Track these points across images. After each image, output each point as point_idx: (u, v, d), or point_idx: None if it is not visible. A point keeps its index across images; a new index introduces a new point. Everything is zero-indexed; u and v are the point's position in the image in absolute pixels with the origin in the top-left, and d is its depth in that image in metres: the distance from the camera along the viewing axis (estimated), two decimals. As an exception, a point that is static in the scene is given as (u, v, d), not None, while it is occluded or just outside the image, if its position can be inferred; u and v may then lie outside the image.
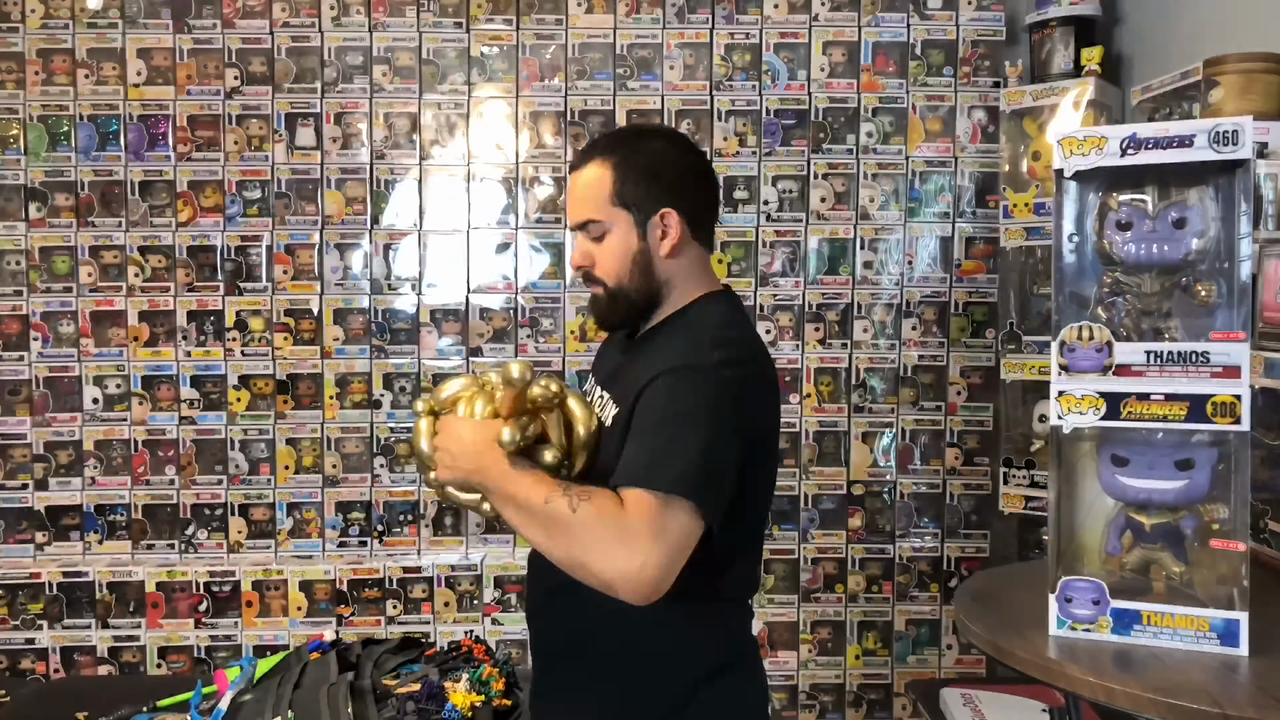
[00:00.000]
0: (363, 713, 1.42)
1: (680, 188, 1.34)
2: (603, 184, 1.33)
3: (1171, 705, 1.14)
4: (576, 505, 1.16)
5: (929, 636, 2.70)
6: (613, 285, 1.35)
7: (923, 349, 2.70)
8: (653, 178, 1.32)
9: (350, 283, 2.69)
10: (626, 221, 1.33)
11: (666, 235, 1.33)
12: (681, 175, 1.35)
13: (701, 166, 1.39)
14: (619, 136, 1.40)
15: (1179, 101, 2.03)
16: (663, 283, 1.36)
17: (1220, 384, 1.27)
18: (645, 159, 1.33)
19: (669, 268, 1.35)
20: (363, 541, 2.68)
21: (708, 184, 1.40)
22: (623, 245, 1.34)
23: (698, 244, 1.38)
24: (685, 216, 1.34)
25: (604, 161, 1.34)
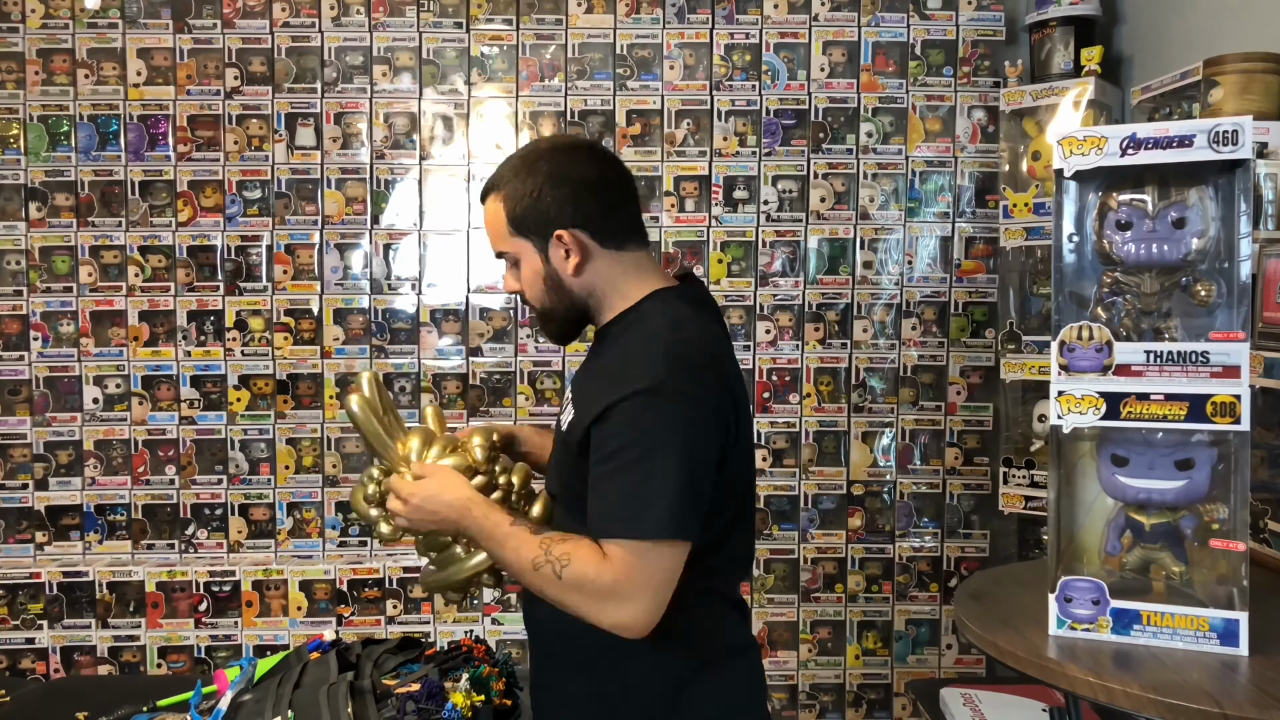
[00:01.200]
0: (363, 713, 1.42)
1: (571, 205, 1.33)
2: (499, 218, 1.36)
3: (1171, 705, 1.14)
4: (560, 571, 1.21)
5: (929, 636, 2.71)
6: (539, 308, 1.39)
7: (922, 349, 2.70)
8: (537, 202, 1.33)
9: (350, 283, 2.69)
10: (529, 248, 1.35)
11: (570, 254, 1.33)
12: (571, 193, 1.33)
13: (594, 175, 1.36)
14: (509, 166, 1.38)
15: (1179, 101, 2.02)
16: (585, 296, 1.36)
17: (1220, 384, 1.27)
18: (530, 186, 1.33)
19: (585, 283, 1.35)
20: (363, 541, 2.68)
21: (606, 190, 1.36)
22: (531, 271, 1.36)
23: (613, 251, 1.35)
24: (585, 230, 1.33)
25: (496, 195, 1.37)
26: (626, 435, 1.21)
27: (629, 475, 1.20)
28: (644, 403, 1.21)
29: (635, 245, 1.38)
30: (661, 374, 1.21)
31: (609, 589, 1.17)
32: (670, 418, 1.21)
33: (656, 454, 1.19)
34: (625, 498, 1.19)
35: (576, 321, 1.39)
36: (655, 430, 1.20)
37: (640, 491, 1.19)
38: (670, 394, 1.21)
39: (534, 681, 1.46)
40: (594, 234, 1.34)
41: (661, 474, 1.19)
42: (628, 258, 1.37)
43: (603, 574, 1.18)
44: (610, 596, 1.18)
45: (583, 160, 1.37)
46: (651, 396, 1.21)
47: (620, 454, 1.21)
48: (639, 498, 1.18)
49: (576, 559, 1.20)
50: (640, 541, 1.17)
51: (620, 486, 1.20)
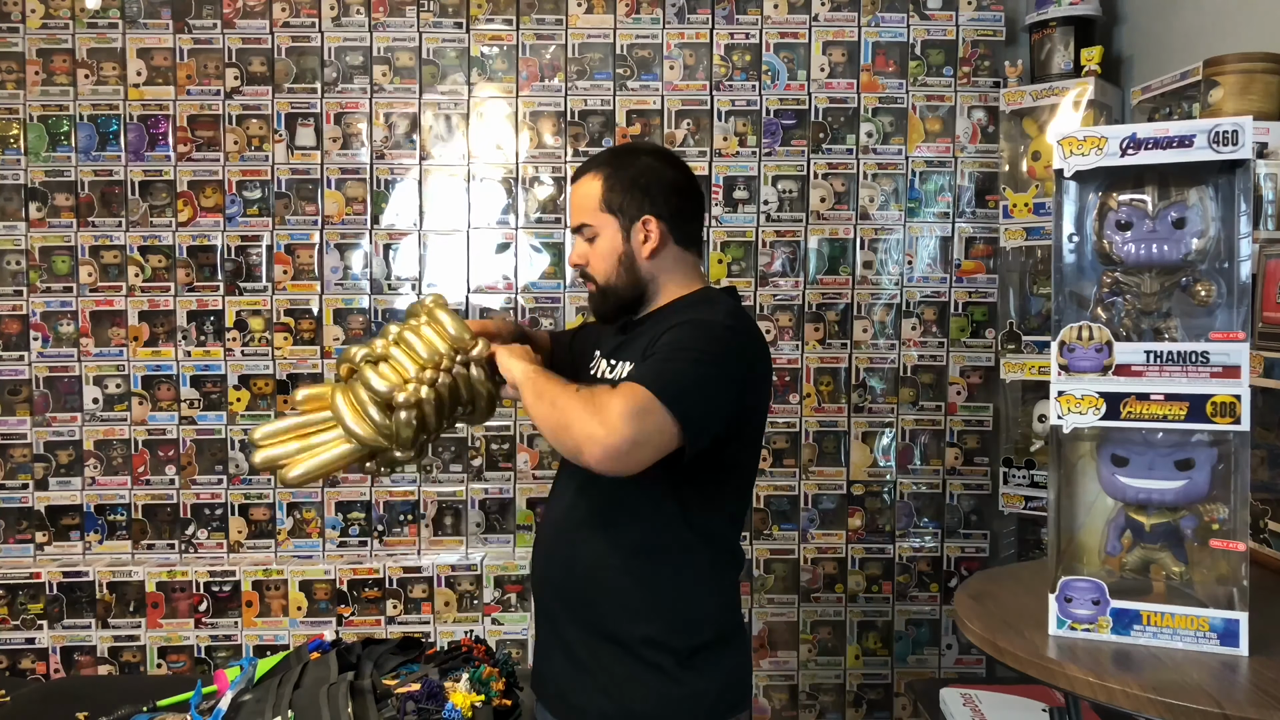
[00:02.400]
0: (363, 713, 1.42)
1: (661, 199, 1.52)
2: (594, 193, 1.53)
3: (1171, 705, 1.14)
4: (580, 389, 1.35)
5: (929, 636, 2.71)
6: (602, 282, 1.55)
7: (922, 349, 2.70)
8: (636, 189, 1.51)
9: (350, 283, 2.69)
10: (613, 226, 1.52)
11: (648, 239, 1.51)
12: (663, 188, 1.52)
13: (683, 181, 1.56)
14: (613, 151, 1.59)
15: (1179, 101, 2.03)
16: (648, 281, 1.54)
17: (1220, 384, 1.27)
18: (632, 172, 1.52)
19: (652, 268, 1.53)
20: (363, 541, 2.68)
21: (689, 196, 1.56)
22: (610, 246, 1.53)
23: (680, 248, 1.55)
24: (666, 223, 1.52)
25: (596, 174, 1.54)
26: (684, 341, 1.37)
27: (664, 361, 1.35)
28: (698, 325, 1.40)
29: (695, 251, 1.60)
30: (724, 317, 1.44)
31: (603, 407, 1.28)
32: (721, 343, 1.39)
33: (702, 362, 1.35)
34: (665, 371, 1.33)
35: (632, 301, 1.55)
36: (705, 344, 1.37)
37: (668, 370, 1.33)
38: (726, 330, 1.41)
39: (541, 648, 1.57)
40: (672, 228, 1.53)
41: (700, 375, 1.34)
42: (689, 258, 1.57)
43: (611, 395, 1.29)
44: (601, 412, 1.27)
45: (678, 166, 1.58)
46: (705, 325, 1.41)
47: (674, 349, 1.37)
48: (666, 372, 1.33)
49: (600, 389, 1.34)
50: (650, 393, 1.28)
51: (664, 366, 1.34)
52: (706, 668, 1.45)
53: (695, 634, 1.44)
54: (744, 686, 1.54)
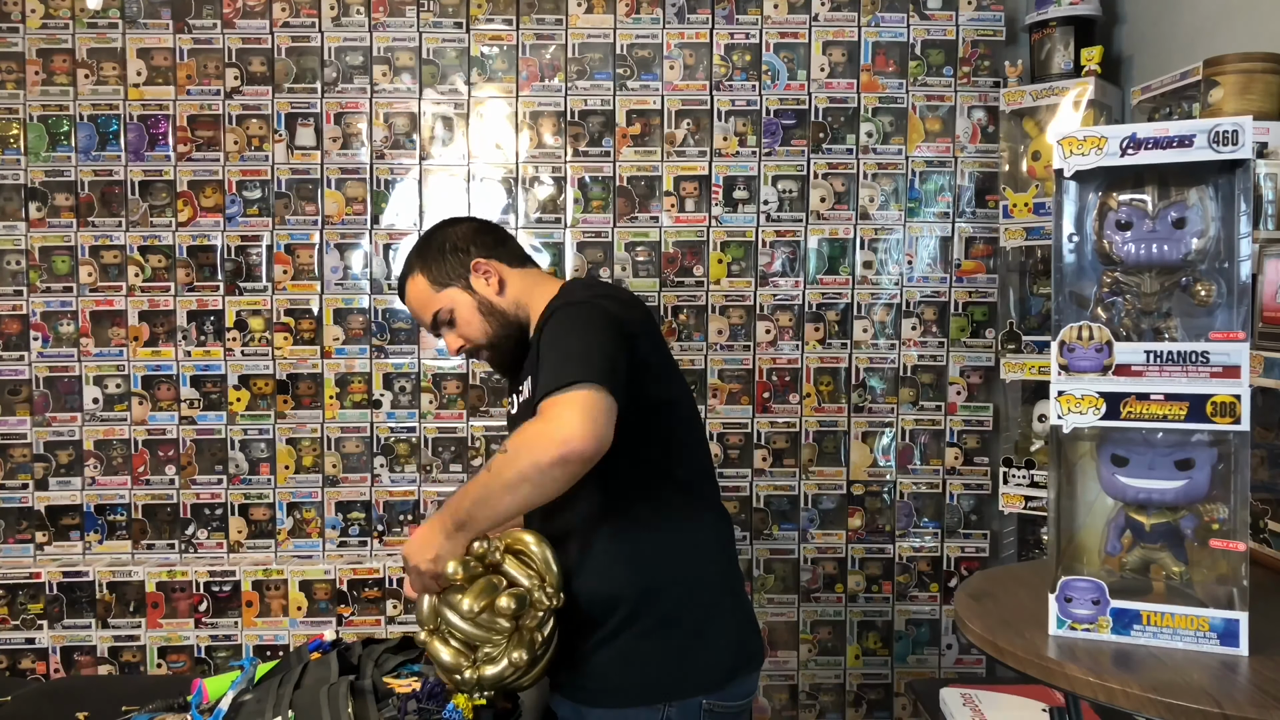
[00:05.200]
0: (363, 713, 1.42)
1: (472, 244, 1.63)
2: (423, 287, 1.63)
3: (1171, 705, 1.14)
4: (505, 446, 1.37)
5: (929, 636, 2.71)
6: (486, 342, 1.63)
7: (922, 349, 2.70)
8: (447, 253, 1.62)
9: (350, 283, 2.69)
10: (456, 292, 1.62)
11: (489, 279, 1.61)
12: (464, 237, 1.64)
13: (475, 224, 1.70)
14: (410, 254, 1.67)
15: (1179, 101, 2.02)
16: (515, 311, 1.62)
17: (1220, 384, 1.27)
18: (434, 246, 1.64)
19: (510, 298, 1.62)
20: (363, 541, 2.68)
21: (487, 231, 1.68)
22: (468, 309, 1.61)
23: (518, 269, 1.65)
24: (493, 256, 1.63)
25: (414, 276, 1.64)
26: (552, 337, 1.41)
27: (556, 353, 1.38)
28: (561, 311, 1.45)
29: (532, 264, 1.69)
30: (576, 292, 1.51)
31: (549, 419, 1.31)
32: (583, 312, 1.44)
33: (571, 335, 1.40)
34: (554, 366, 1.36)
35: (519, 340, 1.61)
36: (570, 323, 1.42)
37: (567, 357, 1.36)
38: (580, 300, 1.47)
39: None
40: (499, 258, 1.63)
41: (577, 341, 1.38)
42: (532, 273, 1.67)
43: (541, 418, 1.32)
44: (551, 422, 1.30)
45: (457, 219, 1.70)
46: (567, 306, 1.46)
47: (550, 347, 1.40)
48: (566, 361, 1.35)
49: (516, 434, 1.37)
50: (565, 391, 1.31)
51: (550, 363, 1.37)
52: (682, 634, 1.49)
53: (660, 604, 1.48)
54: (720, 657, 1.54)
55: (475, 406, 2.69)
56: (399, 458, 2.69)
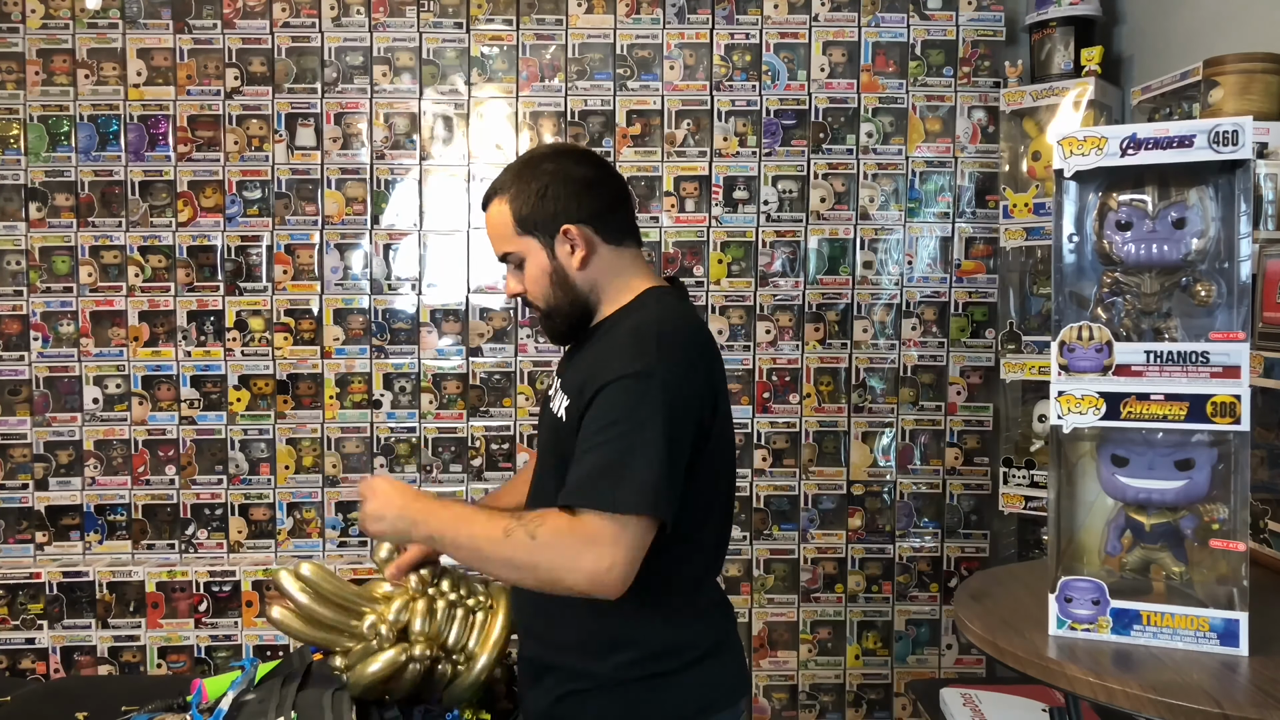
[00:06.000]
0: (365, 714, 1.42)
1: (574, 202, 1.40)
2: (505, 219, 1.42)
3: (1171, 705, 1.14)
4: (535, 532, 1.22)
5: (929, 636, 2.71)
6: (544, 306, 1.44)
7: (922, 349, 2.70)
8: (546, 200, 1.39)
9: (350, 283, 2.69)
10: (535, 246, 1.41)
11: (575, 249, 1.40)
12: (573, 190, 1.40)
13: (593, 174, 1.43)
14: (512, 169, 1.45)
15: (1179, 101, 2.03)
16: (588, 292, 1.42)
17: (1220, 384, 1.27)
18: (535, 185, 1.40)
19: (588, 277, 1.42)
20: (363, 541, 2.68)
21: (604, 188, 1.43)
22: (539, 268, 1.42)
23: (614, 247, 1.43)
24: (589, 226, 1.40)
25: (502, 197, 1.43)
26: (614, 414, 1.26)
27: (611, 449, 1.24)
28: (633, 385, 1.26)
29: (632, 243, 1.46)
30: (652, 359, 1.28)
31: (584, 540, 1.20)
32: (656, 401, 1.26)
33: (639, 433, 1.24)
34: (604, 469, 1.23)
35: (580, 317, 1.44)
36: (641, 411, 1.25)
37: (620, 466, 1.23)
38: (658, 379, 1.27)
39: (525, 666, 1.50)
40: (597, 229, 1.41)
41: (642, 450, 1.23)
42: (626, 254, 1.44)
43: (577, 530, 1.21)
44: (583, 548, 1.20)
45: (584, 162, 1.44)
46: (641, 380, 1.26)
47: (606, 430, 1.26)
48: (617, 471, 1.22)
49: (550, 519, 1.24)
50: (612, 514, 1.21)
51: (601, 459, 1.24)
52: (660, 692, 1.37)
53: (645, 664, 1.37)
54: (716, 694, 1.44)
55: (475, 407, 2.69)
56: (399, 458, 2.69)
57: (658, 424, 1.24)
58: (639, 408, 1.25)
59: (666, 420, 1.25)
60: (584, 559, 1.20)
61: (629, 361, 1.28)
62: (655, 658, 1.36)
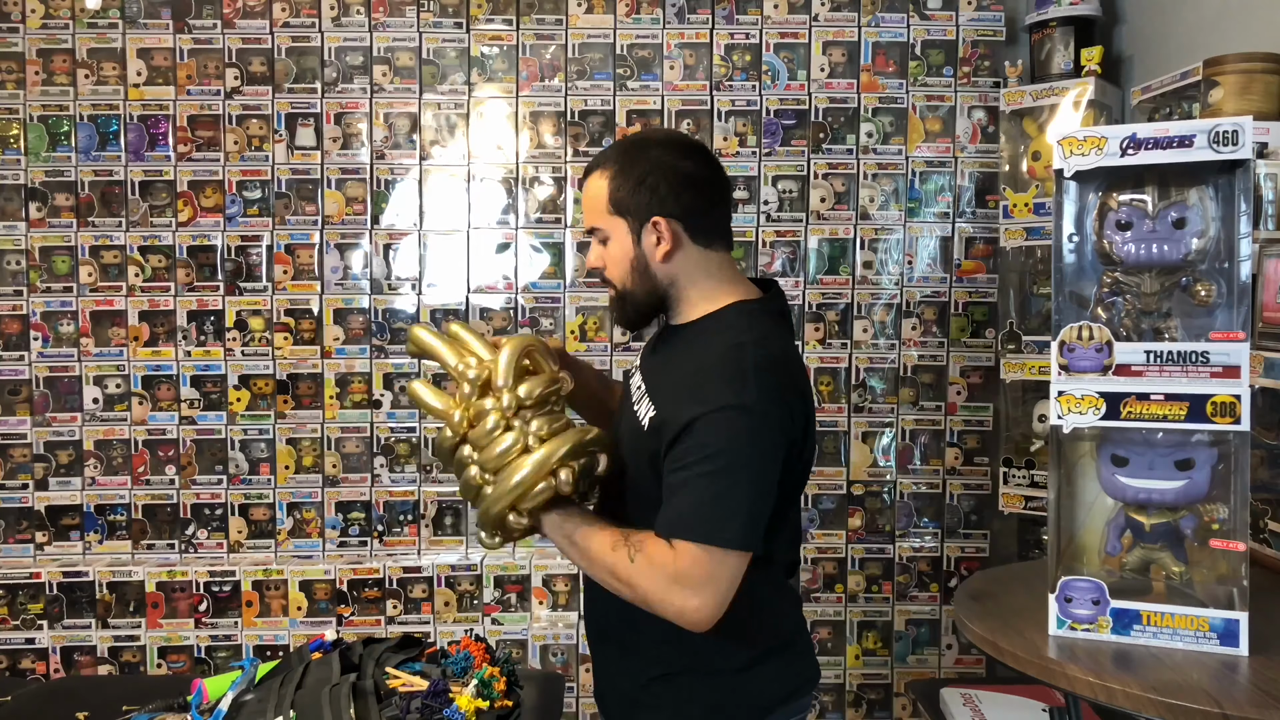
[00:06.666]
0: (365, 713, 1.42)
1: (671, 195, 1.37)
2: (601, 193, 1.40)
3: (1171, 705, 1.14)
4: (634, 556, 1.27)
5: (929, 636, 2.71)
6: (619, 288, 1.43)
7: (923, 349, 2.70)
8: (644, 187, 1.38)
9: (350, 283, 2.69)
10: (623, 229, 1.40)
11: (660, 242, 1.38)
12: (674, 183, 1.38)
13: (698, 171, 1.40)
14: (621, 146, 1.44)
15: (1179, 101, 2.03)
16: (666, 285, 1.41)
17: (1220, 384, 1.27)
18: (639, 169, 1.38)
19: (669, 271, 1.40)
20: (363, 541, 2.68)
21: (708, 188, 1.41)
22: (621, 251, 1.41)
23: (701, 247, 1.40)
24: (679, 222, 1.38)
25: (604, 172, 1.41)
26: (713, 446, 1.26)
27: (712, 483, 1.25)
28: (733, 418, 1.26)
29: (721, 246, 1.43)
30: (753, 393, 1.27)
31: (676, 577, 1.23)
32: (755, 436, 1.27)
33: (741, 469, 1.26)
34: (706, 504, 1.25)
35: (652, 308, 1.44)
36: (741, 446, 1.26)
37: (721, 501, 1.24)
38: (758, 414, 1.27)
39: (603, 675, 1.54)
40: (687, 227, 1.39)
41: (743, 487, 1.25)
42: (713, 257, 1.42)
43: (669, 563, 1.24)
44: (679, 583, 1.23)
45: (691, 156, 1.41)
46: (741, 414, 1.26)
47: (705, 462, 1.26)
48: (719, 506, 1.24)
49: (650, 544, 1.27)
50: (710, 547, 1.23)
51: (702, 492, 1.25)
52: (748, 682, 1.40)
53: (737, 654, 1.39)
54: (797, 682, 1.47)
55: (475, 406, 2.69)
56: (399, 458, 2.69)
57: (756, 461, 1.27)
58: (739, 443, 1.26)
59: (764, 457, 1.28)
60: (674, 595, 1.24)
61: (728, 392, 1.27)
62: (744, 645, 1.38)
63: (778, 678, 1.43)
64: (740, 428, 1.26)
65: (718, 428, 1.26)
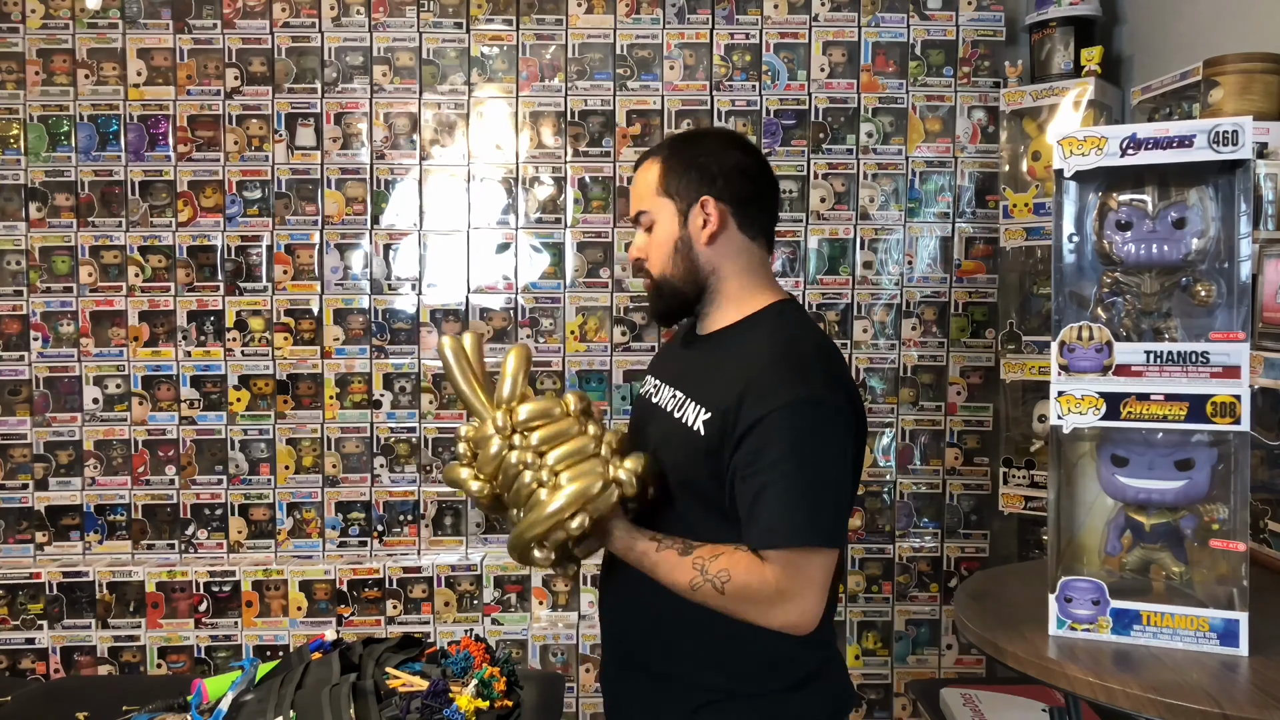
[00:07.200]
0: (365, 713, 1.42)
1: (722, 179, 1.39)
2: (652, 178, 1.42)
3: (1171, 705, 1.14)
4: (723, 586, 1.24)
5: (929, 636, 2.71)
6: (658, 274, 1.43)
7: (923, 349, 2.70)
8: (694, 169, 1.39)
9: (350, 283, 2.69)
10: (670, 210, 1.41)
11: (707, 223, 1.38)
12: (725, 168, 1.39)
13: (750, 164, 1.42)
14: (675, 136, 1.48)
15: (1179, 101, 2.03)
16: (707, 272, 1.41)
17: (1220, 384, 1.27)
18: (691, 152, 1.41)
19: (712, 257, 1.40)
20: (363, 541, 2.68)
21: (756, 181, 1.42)
22: (666, 232, 1.41)
23: (746, 238, 1.41)
24: (727, 205, 1.39)
25: (656, 158, 1.43)
26: (786, 445, 1.25)
27: (793, 485, 1.23)
28: (804, 414, 1.25)
29: (764, 243, 1.44)
30: (818, 385, 1.27)
31: (777, 593, 1.23)
32: (828, 430, 1.27)
33: (817, 466, 1.25)
34: (790, 507, 1.23)
35: (689, 297, 1.42)
36: (815, 442, 1.25)
37: (804, 501, 1.23)
38: (828, 407, 1.27)
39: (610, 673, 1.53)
40: (734, 211, 1.40)
41: (823, 485, 1.25)
42: (755, 252, 1.43)
43: (768, 581, 1.23)
44: (779, 599, 1.23)
45: (746, 151, 1.44)
46: (810, 407, 1.25)
47: (781, 464, 1.24)
48: (804, 507, 1.23)
49: (736, 572, 1.25)
50: (803, 549, 1.23)
51: (785, 496, 1.24)
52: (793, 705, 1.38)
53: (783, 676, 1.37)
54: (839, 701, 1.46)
55: (475, 406, 2.69)
56: (399, 458, 2.69)
57: (833, 453, 1.27)
58: (815, 437, 1.25)
59: (837, 448, 1.28)
60: (776, 613, 1.24)
61: (792, 386, 1.25)
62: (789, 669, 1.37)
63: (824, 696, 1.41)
64: (810, 421, 1.25)
65: (788, 424, 1.24)
